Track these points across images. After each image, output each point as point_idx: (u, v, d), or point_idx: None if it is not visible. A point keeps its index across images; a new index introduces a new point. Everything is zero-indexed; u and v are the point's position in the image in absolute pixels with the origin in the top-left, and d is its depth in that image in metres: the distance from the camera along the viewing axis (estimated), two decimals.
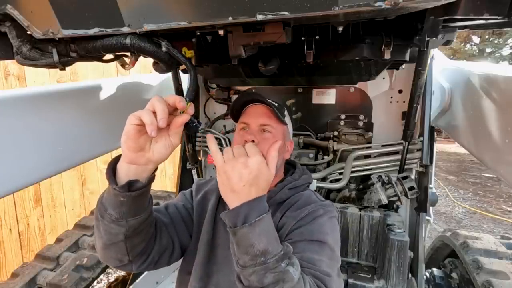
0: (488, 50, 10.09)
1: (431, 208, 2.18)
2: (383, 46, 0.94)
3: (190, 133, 1.78)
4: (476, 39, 10.68)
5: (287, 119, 1.06)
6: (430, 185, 1.55)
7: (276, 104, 1.00)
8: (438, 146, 7.85)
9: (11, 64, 2.44)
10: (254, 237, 0.65)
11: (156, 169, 0.72)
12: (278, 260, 0.65)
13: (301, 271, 0.73)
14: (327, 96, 1.80)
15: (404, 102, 1.68)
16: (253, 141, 0.92)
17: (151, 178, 0.71)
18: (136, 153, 0.66)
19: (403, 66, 1.39)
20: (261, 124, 0.97)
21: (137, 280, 1.69)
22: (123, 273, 2.47)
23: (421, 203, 1.49)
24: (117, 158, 0.69)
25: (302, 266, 0.75)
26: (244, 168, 0.67)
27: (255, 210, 0.67)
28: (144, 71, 3.54)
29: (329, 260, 0.80)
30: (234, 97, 1.98)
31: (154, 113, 0.62)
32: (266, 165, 0.71)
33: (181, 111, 0.67)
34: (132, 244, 0.76)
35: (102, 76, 3.35)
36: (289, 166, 1.10)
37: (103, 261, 0.83)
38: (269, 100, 0.97)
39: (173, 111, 0.67)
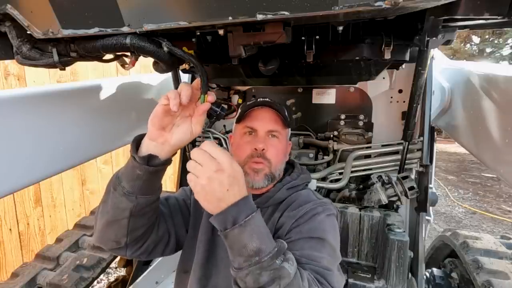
0: (488, 50, 10.10)
1: (431, 208, 2.18)
2: (383, 46, 0.94)
3: (214, 119, 1.91)
4: (476, 39, 10.68)
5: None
6: (430, 185, 1.55)
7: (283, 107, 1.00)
8: (438, 146, 7.85)
9: (11, 64, 2.44)
10: (246, 237, 0.65)
11: (174, 154, 0.79)
12: (272, 258, 0.64)
13: (300, 266, 0.72)
14: (327, 96, 1.80)
15: (404, 102, 1.68)
16: (263, 149, 0.93)
17: (168, 160, 0.77)
18: (158, 130, 0.73)
19: (403, 66, 1.39)
20: (269, 130, 0.96)
21: (137, 280, 1.69)
22: (123, 273, 2.47)
23: (421, 203, 1.49)
24: (143, 135, 0.76)
25: (302, 263, 0.75)
26: (221, 173, 0.64)
27: (243, 210, 0.66)
28: (144, 71, 3.54)
29: (329, 257, 0.80)
30: (235, 97, 1.98)
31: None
32: (234, 159, 0.68)
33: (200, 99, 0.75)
34: (134, 225, 0.78)
35: (102, 76, 3.35)
36: (288, 166, 1.10)
37: (99, 243, 0.82)
38: (278, 104, 0.97)
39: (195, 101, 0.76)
